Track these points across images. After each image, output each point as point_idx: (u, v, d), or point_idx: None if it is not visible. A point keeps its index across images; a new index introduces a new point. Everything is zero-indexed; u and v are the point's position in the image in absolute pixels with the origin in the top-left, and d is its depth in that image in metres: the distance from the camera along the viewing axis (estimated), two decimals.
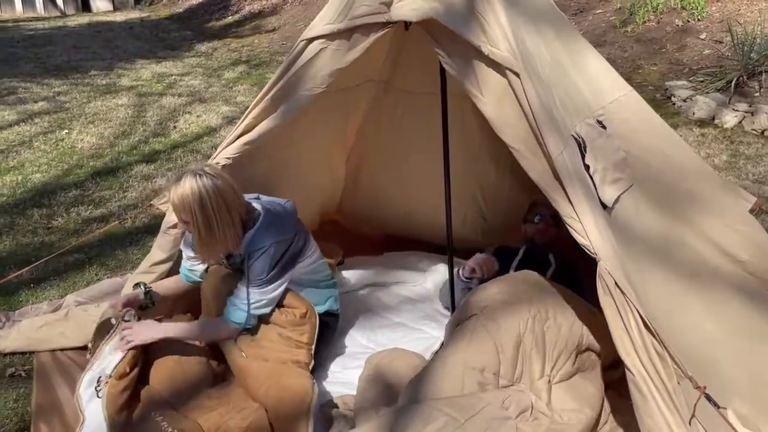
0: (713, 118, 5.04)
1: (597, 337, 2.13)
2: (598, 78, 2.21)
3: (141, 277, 2.56)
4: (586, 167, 1.94)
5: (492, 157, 2.99)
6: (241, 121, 2.44)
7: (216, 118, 6.01)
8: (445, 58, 1.99)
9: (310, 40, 2.19)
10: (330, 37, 2.14)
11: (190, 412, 2.15)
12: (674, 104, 5.37)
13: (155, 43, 10.61)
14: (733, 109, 4.98)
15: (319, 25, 2.17)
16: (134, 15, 14.32)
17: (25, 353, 2.64)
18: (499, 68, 1.90)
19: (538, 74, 1.93)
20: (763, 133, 4.81)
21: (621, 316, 1.73)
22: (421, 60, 2.73)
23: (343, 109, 3.10)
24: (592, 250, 1.79)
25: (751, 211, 2.56)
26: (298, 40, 2.23)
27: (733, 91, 5.14)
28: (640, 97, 2.28)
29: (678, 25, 6.59)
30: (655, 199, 2.08)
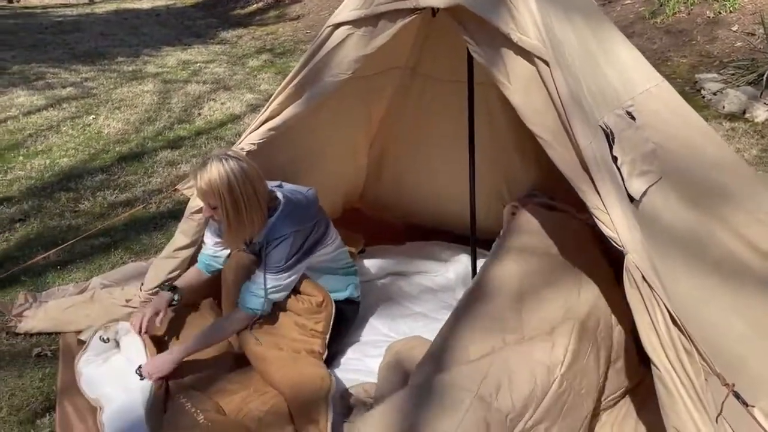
0: (744, 112, 4.92)
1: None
2: (629, 68, 2.16)
3: (164, 263, 2.59)
4: (614, 159, 1.90)
5: (517, 148, 2.95)
6: (266, 107, 2.43)
7: (240, 106, 6.03)
8: (472, 46, 1.96)
9: (336, 26, 2.17)
10: (356, 23, 2.12)
11: (212, 396, 2.18)
12: (704, 97, 5.25)
13: (181, 31, 10.68)
14: (765, 103, 4.85)
15: (345, 11, 2.15)
16: (160, 2, 14.41)
17: (51, 334, 2.69)
18: (528, 56, 1.86)
19: (567, 63, 1.89)
20: None
21: (648, 310, 1.69)
22: (448, 47, 2.71)
23: (368, 97, 3.08)
24: (620, 243, 1.75)
25: None
26: (324, 26, 2.22)
27: (765, 84, 5.00)
28: (672, 88, 2.23)
29: (709, 17, 6.44)
30: (686, 192, 2.03)
